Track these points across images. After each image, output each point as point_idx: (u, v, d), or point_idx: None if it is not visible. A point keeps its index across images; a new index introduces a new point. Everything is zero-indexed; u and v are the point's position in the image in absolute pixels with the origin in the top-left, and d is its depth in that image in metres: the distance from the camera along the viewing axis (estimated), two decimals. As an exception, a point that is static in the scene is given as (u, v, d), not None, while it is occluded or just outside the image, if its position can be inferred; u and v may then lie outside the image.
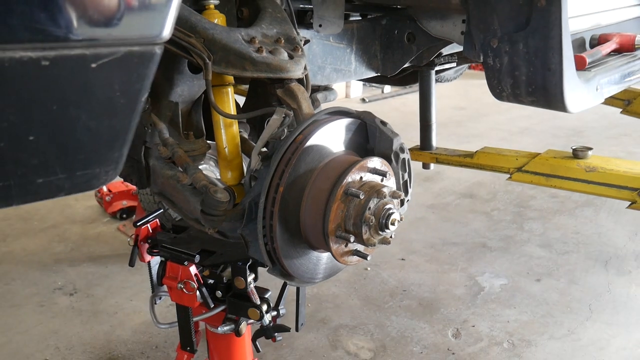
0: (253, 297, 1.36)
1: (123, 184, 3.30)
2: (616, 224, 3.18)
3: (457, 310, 2.44)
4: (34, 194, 0.80)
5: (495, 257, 2.87)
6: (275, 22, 1.19)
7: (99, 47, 0.76)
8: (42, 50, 0.72)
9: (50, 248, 3.01)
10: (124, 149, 0.86)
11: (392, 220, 1.03)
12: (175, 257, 1.36)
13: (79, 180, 0.84)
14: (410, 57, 1.71)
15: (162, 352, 2.19)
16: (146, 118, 1.22)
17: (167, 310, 2.38)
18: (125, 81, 0.81)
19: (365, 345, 2.22)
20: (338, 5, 1.51)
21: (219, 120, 1.19)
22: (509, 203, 3.53)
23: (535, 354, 2.15)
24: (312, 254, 1.13)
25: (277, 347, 2.18)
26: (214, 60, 1.06)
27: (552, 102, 1.39)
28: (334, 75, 1.64)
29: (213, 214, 1.10)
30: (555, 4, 1.26)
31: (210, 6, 1.15)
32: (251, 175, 1.08)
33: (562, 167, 2.05)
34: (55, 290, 2.62)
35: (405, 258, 2.87)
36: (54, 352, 2.20)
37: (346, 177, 1.02)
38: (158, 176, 1.22)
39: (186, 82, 1.24)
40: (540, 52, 1.32)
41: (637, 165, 1.98)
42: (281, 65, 1.09)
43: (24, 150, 0.77)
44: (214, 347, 1.54)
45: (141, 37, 0.79)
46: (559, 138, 4.70)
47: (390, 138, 1.13)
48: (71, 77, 0.76)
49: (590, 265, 2.78)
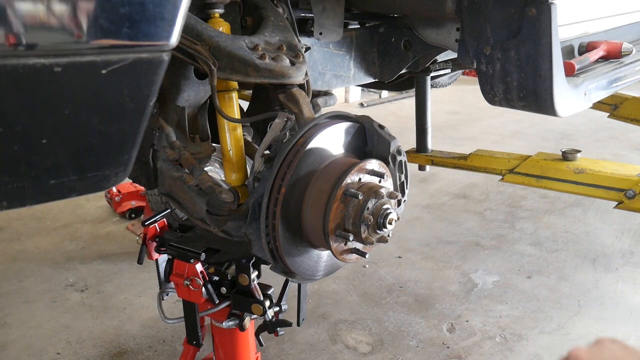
0: (256, 294, 1.37)
1: (132, 185, 3.31)
2: (604, 224, 3.22)
3: (451, 305, 2.48)
4: (46, 195, 0.82)
5: (488, 255, 2.91)
6: (277, 30, 1.20)
7: (109, 54, 0.77)
8: (54, 57, 0.73)
9: (62, 246, 3.03)
10: (133, 152, 0.88)
11: (389, 219, 1.05)
12: (182, 255, 1.37)
13: (90, 181, 0.85)
14: (406, 64, 1.72)
15: (169, 346, 2.22)
16: (154, 122, 1.23)
17: (174, 306, 2.41)
18: (134, 87, 0.82)
19: (364, 339, 2.27)
20: (337, 14, 1.52)
21: (224, 124, 1.21)
22: (501, 203, 3.57)
23: (526, 347, 2.20)
24: (313, 252, 1.14)
25: (280, 341, 2.21)
26: (219, 67, 1.07)
27: (542, 106, 1.40)
28: (333, 81, 1.66)
29: (218, 214, 1.12)
30: (546, 13, 1.27)
31: (215, 15, 1.17)
32: (254, 177, 1.10)
33: (552, 169, 2.08)
34: (67, 286, 2.66)
35: (402, 256, 2.91)
36: (66, 346, 2.23)
37: (345, 179, 1.03)
38: (165, 178, 1.23)
39: (192, 87, 1.25)
40: (531, 59, 1.32)
41: (624, 167, 2.02)
42: (283, 72, 1.11)
43: (38, 153, 0.78)
44: (219, 341, 1.55)
45: (150, 44, 0.80)
46: (549, 141, 4.72)
47: (387, 141, 1.15)
48: (82, 82, 0.77)
49: (579, 262, 2.82)
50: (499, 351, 2.19)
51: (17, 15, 0.69)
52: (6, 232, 3.21)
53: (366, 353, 2.19)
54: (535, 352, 2.18)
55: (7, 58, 0.71)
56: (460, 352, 2.18)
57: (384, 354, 2.18)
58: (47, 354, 2.19)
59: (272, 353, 2.16)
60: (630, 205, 1.93)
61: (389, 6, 1.58)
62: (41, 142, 0.78)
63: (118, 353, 2.20)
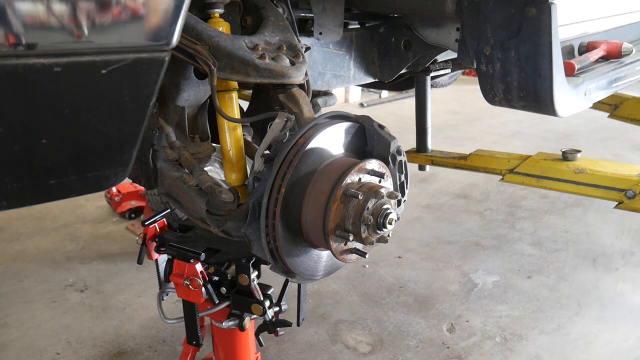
0: (256, 294, 1.37)
1: (132, 185, 3.31)
2: (604, 224, 3.23)
3: (451, 306, 2.48)
4: (46, 195, 0.83)
5: (488, 255, 2.91)
6: (277, 30, 1.21)
7: (109, 54, 0.78)
8: (54, 57, 0.73)
9: (62, 246, 3.03)
10: (133, 152, 0.88)
11: (389, 219, 1.05)
12: (182, 255, 1.38)
13: (90, 181, 0.86)
14: (406, 64, 1.72)
15: (169, 346, 2.22)
16: (154, 122, 1.22)
17: (174, 306, 2.42)
18: (135, 87, 0.83)
19: (364, 339, 2.27)
20: (337, 14, 1.52)
21: (224, 124, 1.21)
22: (501, 203, 3.58)
23: (526, 347, 2.20)
24: (313, 252, 1.14)
25: (279, 341, 2.21)
26: (219, 67, 1.08)
27: (542, 106, 1.40)
28: (333, 81, 1.66)
29: (218, 214, 1.12)
30: (546, 13, 1.27)
31: (215, 15, 1.17)
32: (254, 177, 1.10)
33: (552, 169, 2.09)
34: (66, 287, 2.66)
35: (401, 256, 2.91)
36: (66, 346, 2.23)
37: (345, 179, 1.03)
38: (165, 178, 1.23)
39: (192, 87, 1.25)
40: (531, 59, 1.32)
41: (624, 167, 2.03)
42: (283, 72, 1.11)
43: (38, 153, 0.79)
44: (219, 341, 1.56)
45: (150, 44, 0.81)
46: (549, 141, 4.73)
47: (387, 141, 1.15)
48: (82, 83, 0.78)
49: (579, 262, 2.83)
50: (499, 351, 2.19)
51: (17, 15, 0.69)
52: (6, 232, 3.21)
53: (366, 353, 2.19)
54: (535, 352, 2.18)
55: (7, 58, 0.71)
56: (460, 352, 2.19)
57: (384, 354, 2.18)
58: (47, 354, 2.19)
59: (272, 353, 2.16)
60: (630, 205, 1.94)
61: (388, 6, 1.58)
62: (41, 142, 0.79)
63: (118, 353, 2.20)
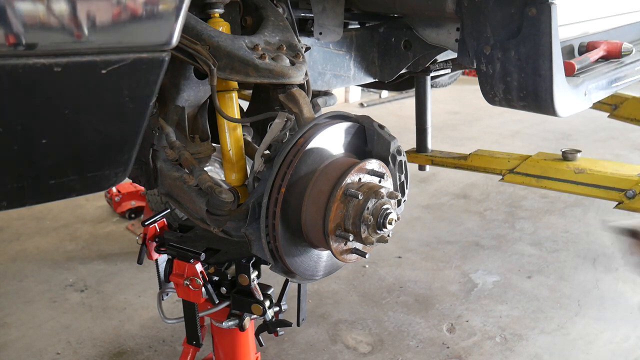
0: (256, 294, 1.37)
1: (132, 185, 3.32)
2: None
3: (451, 306, 2.48)
4: (46, 195, 0.83)
5: (488, 255, 2.92)
6: (277, 30, 1.21)
7: (109, 54, 0.77)
8: (54, 57, 0.73)
9: (62, 246, 3.04)
10: (133, 152, 0.88)
11: (389, 219, 1.05)
12: (182, 255, 1.38)
13: (90, 181, 0.86)
14: (406, 64, 1.72)
15: (169, 346, 2.22)
16: (154, 122, 1.22)
17: (174, 306, 2.43)
18: (135, 87, 0.82)
19: (364, 339, 2.27)
20: (337, 14, 1.52)
21: (224, 124, 1.21)
22: (501, 203, 3.58)
23: (526, 347, 2.20)
24: (313, 252, 1.14)
25: (279, 341, 2.21)
26: (219, 67, 1.07)
27: (542, 106, 1.40)
28: (333, 81, 1.66)
29: (218, 214, 1.12)
30: (546, 13, 1.27)
31: (215, 15, 1.17)
32: (254, 177, 1.10)
33: (552, 169, 2.10)
34: (66, 286, 2.66)
35: (401, 256, 2.91)
36: (66, 346, 2.24)
37: (345, 179, 1.03)
38: (165, 178, 1.23)
39: (192, 87, 1.25)
40: (531, 59, 1.32)
41: (624, 167, 2.03)
42: (283, 72, 1.11)
43: (38, 152, 0.79)
44: (219, 341, 1.56)
45: (150, 44, 0.81)
46: (549, 141, 4.73)
47: (387, 141, 1.15)
48: (82, 82, 0.78)
49: (579, 262, 2.83)
50: (499, 351, 2.19)
51: (17, 15, 0.69)
52: (6, 232, 3.22)
53: (366, 353, 2.19)
54: (536, 352, 2.19)
55: (7, 58, 0.71)
56: (460, 352, 2.19)
57: (384, 354, 2.18)
58: (47, 354, 2.20)
59: (272, 353, 2.16)
60: (630, 205, 1.94)
61: (389, 6, 1.58)
62: (41, 142, 0.79)
63: (118, 353, 2.20)
